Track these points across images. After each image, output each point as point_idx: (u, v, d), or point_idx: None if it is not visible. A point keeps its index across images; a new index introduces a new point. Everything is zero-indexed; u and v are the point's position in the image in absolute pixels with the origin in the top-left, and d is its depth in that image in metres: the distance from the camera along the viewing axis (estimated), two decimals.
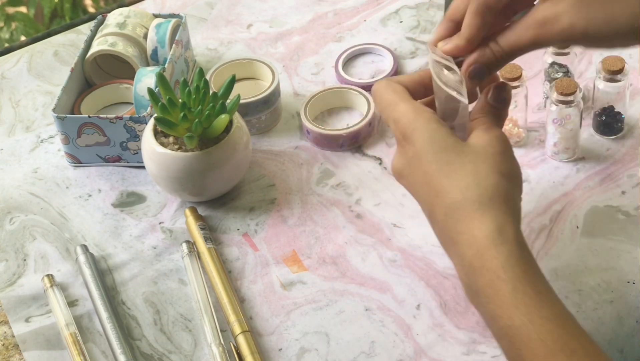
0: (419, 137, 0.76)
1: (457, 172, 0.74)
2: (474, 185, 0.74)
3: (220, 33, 1.18)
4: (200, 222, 0.93)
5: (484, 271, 0.71)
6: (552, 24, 0.74)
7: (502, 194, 0.73)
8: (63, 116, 0.99)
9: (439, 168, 0.75)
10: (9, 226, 0.97)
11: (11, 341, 0.87)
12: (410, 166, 0.77)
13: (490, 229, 0.72)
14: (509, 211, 0.73)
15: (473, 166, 0.74)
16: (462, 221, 0.73)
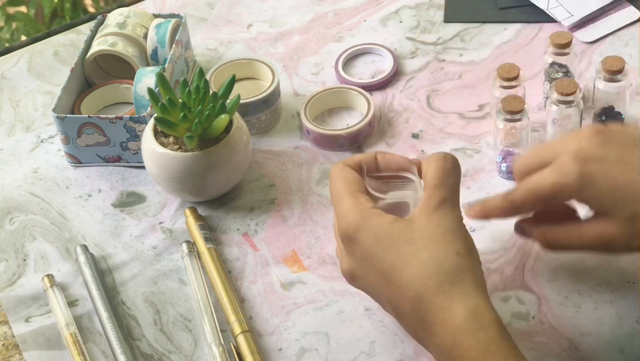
0: (365, 238, 0.75)
1: (412, 263, 0.73)
2: (434, 273, 0.72)
3: (220, 33, 1.18)
4: (200, 222, 0.93)
5: (468, 352, 0.70)
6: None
7: (464, 273, 0.72)
8: (63, 116, 0.99)
9: (393, 264, 0.73)
10: (9, 226, 0.97)
11: (11, 341, 0.87)
12: (362, 267, 0.76)
13: (462, 316, 0.70)
14: (477, 289, 0.72)
15: (427, 253, 0.73)
16: (432, 313, 0.71)
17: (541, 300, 0.85)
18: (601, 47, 1.09)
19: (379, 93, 1.07)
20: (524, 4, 1.14)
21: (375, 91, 1.07)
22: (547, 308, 0.84)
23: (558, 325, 0.83)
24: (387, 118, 1.04)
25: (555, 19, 1.11)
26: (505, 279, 0.87)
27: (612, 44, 1.09)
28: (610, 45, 1.09)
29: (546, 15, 1.12)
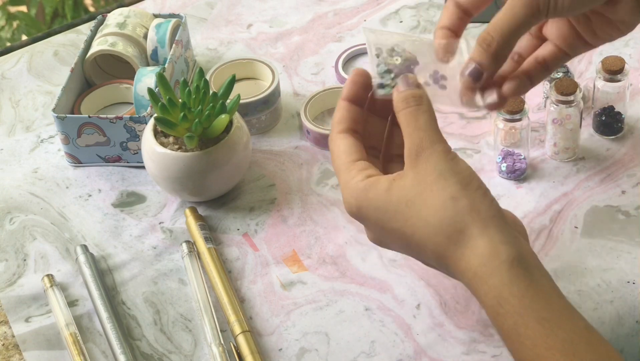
0: (368, 213, 0.74)
1: (418, 225, 0.72)
2: (439, 228, 0.71)
3: (220, 33, 1.18)
4: (200, 222, 0.93)
5: (485, 300, 0.69)
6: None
7: (466, 215, 0.71)
8: (63, 116, 0.99)
9: (404, 231, 0.73)
10: (9, 226, 0.97)
11: (11, 341, 0.87)
12: (382, 236, 0.76)
13: (476, 263, 0.70)
14: (485, 227, 0.70)
15: (426, 209, 0.72)
16: (452, 266, 0.71)
17: None
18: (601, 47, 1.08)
19: None
20: None
21: None
22: None
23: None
24: None
25: None
26: None
27: (612, 43, 1.08)
28: (610, 45, 1.08)
29: None
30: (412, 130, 0.74)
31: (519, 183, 0.96)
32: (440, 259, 0.72)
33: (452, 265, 0.71)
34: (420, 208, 0.72)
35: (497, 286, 0.69)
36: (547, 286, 0.69)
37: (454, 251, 0.71)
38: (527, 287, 0.68)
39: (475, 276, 0.70)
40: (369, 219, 0.75)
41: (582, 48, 0.82)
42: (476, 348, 0.82)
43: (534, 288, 0.68)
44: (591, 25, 0.79)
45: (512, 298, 0.68)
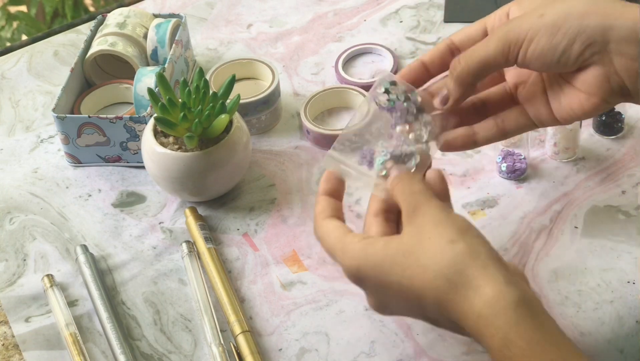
0: (367, 271, 0.73)
1: (417, 272, 0.70)
2: (438, 271, 0.69)
3: (220, 33, 1.18)
4: (200, 222, 0.93)
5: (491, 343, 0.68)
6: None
7: (466, 258, 0.69)
8: (63, 116, 0.99)
9: (402, 282, 0.71)
10: (9, 226, 0.97)
11: (11, 341, 0.87)
12: (382, 297, 0.74)
13: (479, 305, 0.68)
14: (485, 268, 0.69)
15: (424, 256, 0.70)
16: (454, 311, 0.69)
17: (541, 300, 0.85)
18: None
19: None
20: None
21: None
22: (547, 307, 0.84)
23: (558, 324, 0.83)
24: None
25: None
26: None
27: None
28: None
29: None
30: (407, 195, 0.74)
31: (519, 183, 0.96)
32: (442, 304, 0.69)
33: (454, 309, 0.69)
34: (419, 255, 0.71)
35: (503, 328, 0.67)
36: (553, 328, 0.68)
37: (455, 294, 0.69)
38: (534, 329, 0.67)
39: (480, 317, 0.68)
40: (368, 278, 0.73)
41: (547, 119, 0.82)
42: (476, 348, 0.82)
43: (541, 330, 0.67)
44: (558, 91, 0.80)
45: (519, 340, 0.66)
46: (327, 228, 0.77)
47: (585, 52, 0.76)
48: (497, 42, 0.77)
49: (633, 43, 0.75)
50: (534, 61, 0.77)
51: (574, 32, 0.75)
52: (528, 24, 0.76)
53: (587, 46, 0.75)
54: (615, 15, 0.75)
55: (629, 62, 0.75)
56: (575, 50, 0.76)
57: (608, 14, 0.75)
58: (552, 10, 0.76)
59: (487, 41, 0.78)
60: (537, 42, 0.76)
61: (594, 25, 0.75)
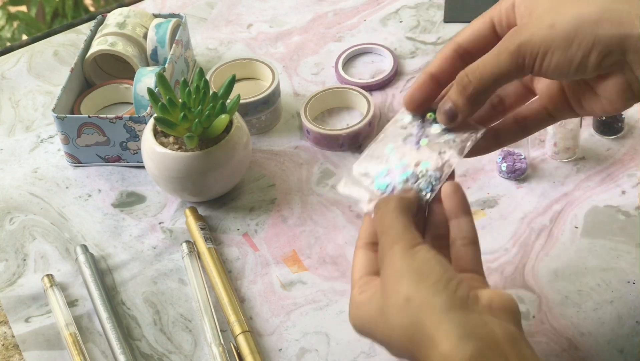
0: (360, 330, 0.72)
1: (391, 336, 0.69)
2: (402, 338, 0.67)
3: (220, 33, 1.18)
4: (200, 222, 0.93)
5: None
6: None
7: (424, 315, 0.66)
8: (63, 116, 0.99)
9: (384, 343, 0.70)
10: (9, 226, 0.97)
11: (11, 341, 0.87)
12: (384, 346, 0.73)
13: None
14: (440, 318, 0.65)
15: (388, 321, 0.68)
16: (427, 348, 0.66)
17: (541, 300, 0.85)
18: None
19: (379, 93, 1.07)
20: None
21: (375, 90, 1.07)
22: (547, 307, 0.84)
23: (558, 324, 0.83)
24: (387, 118, 1.04)
25: None
26: (505, 278, 0.87)
27: None
28: None
29: None
30: (380, 235, 0.72)
31: (519, 183, 0.96)
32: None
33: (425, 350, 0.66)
34: (387, 315, 0.68)
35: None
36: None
37: (419, 353, 0.66)
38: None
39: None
40: (364, 335, 0.72)
41: (568, 113, 0.79)
42: None
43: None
44: (579, 94, 0.77)
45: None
46: (354, 261, 0.75)
47: (603, 62, 0.72)
48: (509, 56, 0.73)
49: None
50: (550, 72, 0.73)
51: (588, 43, 0.71)
52: (540, 37, 0.72)
53: (604, 56, 0.71)
54: (631, 23, 0.71)
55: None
56: (592, 61, 0.72)
57: (623, 21, 0.71)
58: (563, 19, 0.72)
59: (498, 55, 0.73)
60: (550, 55, 0.72)
61: (609, 34, 0.71)
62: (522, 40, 0.72)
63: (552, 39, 0.71)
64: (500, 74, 0.73)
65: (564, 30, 0.71)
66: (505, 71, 0.73)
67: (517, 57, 0.72)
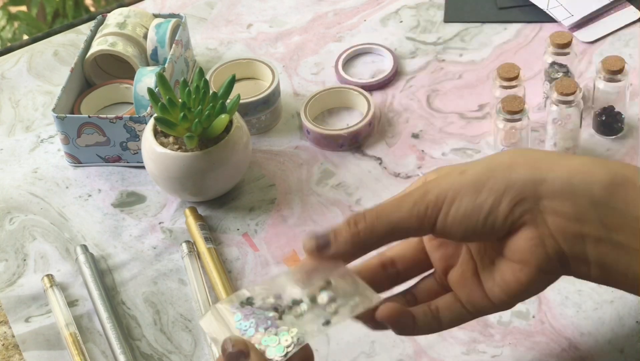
0: None
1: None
2: None
3: (220, 33, 1.18)
4: (200, 222, 0.93)
5: None
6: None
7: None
8: (63, 116, 0.99)
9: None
10: (8, 226, 0.97)
11: (11, 341, 0.87)
12: None
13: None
14: None
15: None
16: None
17: (541, 300, 0.85)
18: (601, 47, 1.09)
19: (379, 93, 1.07)
20: (524, 4, 1.14)
21: (375, 90, 1.07)
22: (547, 307, 0.84)
23: (558, 324, 0.83)
24: (387, 118, 1.04)
25: (555, 19, 1.11)
26: None
27: (612, 43, 1.09)
28: (610, 45, 1.09)
29: (546, 15, 1.12)
30: None
31: None
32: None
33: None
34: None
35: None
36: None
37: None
38: None
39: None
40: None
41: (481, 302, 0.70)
42: (476, 348, 0.82)
43: None
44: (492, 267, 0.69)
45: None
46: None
47: (515, 210, 0.65)
48: (412, 205, 0.66)
49: (568, 199, 0.64)
50: (456, 226, 0.65)
51: (500, 187, 0.65)
52: (448, 183, 0.66)
53: (516, 203, 0.65)
54: (547, 167, 0.65)
55: (564, 222, 0.65)
56: (503, 209, 0.65)
57: (538, 166, 0.66)
58: (475, 166, 0.67)
59: (400, 202, 0.66)
60: (458, 203, 0.65)
61: (523, 178, 0.65)
62: (427, 188, 0.66)
63: (461, 185, 0.66)
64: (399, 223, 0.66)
65: (475, 175, 0.66)
66: (405, 220, 0.66)
67: (421, 206, 0.66)
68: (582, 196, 0.64)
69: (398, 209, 0.66)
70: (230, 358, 0.64)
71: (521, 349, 0.81)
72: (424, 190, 0.66)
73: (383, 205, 0.67)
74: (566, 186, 0.64)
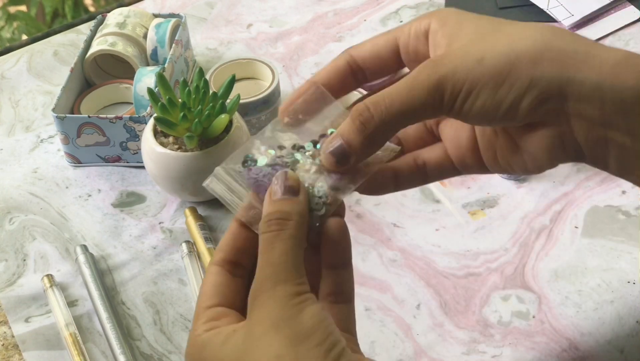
0: None
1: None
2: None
3: (220, 33, 1.18)
4: (200, 222, 0.93)
5: None
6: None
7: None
8: (63, 116, 0.99)
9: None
10: (8, 226, 0.97)
11: (11, 341, 0.87)
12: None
13: None
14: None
15: None
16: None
17: (541, 300, 0.85)
18: None
19: None
20: (524, 4, 1.14)
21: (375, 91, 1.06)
22: (547, 307, 0.84)
23: (558, 324, 0.83)
24: None
25: (556, 19, 1.11)
26: (506, 278, 0.87)
27: (612, 43, 1.09)
28: (610, 45, 1.08)
29: (546, 15, 1.12)
30: (262, 264, 0.59)
31: (519, 183, 0.95)
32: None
33: None
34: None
35: None
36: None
37: None
38: None
39: None
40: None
41: (476, 168, 0.67)
42: (476, 348, 0.82)
43: None
44: (495, 146, 0.66)
45: None
46: (204, 284, 0.63)
47: (538, 108, 0.60)
48: (425, 91, 0.60)
49: (596, 104, 0.60)
50: (472, 117, 0.61)
51: (523, 84, 0.60)
52: (464, 71, 0.60)
53: (539, 102, 0.60)
54: (576, 65, 0.60)
55: (589, 125, 0.60)
56: (524, 107, 0.60)
57: (566, 61, 0.60)
58: (494, 53, 0.60)
59: (411, 88, 0.61)
60: (476, 95, 0.60)
61: (549, 76, 0.59)
62: (443, 74, 0.60)
63: (479, 76, 0.60)
64: (411, 112, 0.61)
65: (494, 66, 0.60)
66: (418, 108, 0.61)
67: (435, 93, 0.60)
68: (610, 101, 0.59)
69: (409, 97, 0.61)
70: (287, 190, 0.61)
71: (521, 349, 0.81)
72: (437, 75, 0.60)
73: (391, 96, 0.61)
74: (595, 90, 0.59)
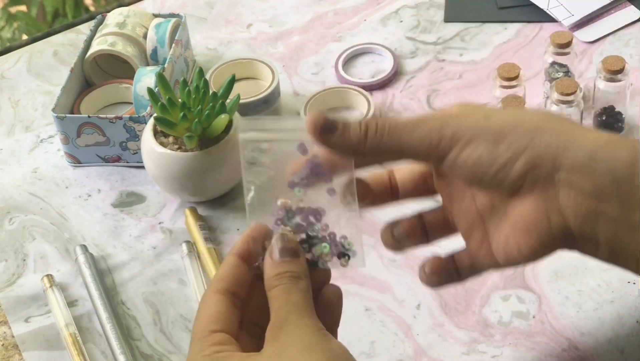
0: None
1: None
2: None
3: (220, 33, 1.18)
4: (200, 222, 0.93)
5: None
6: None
7: None
8: (63, 115, 0.99)
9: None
10: (8, 226, 0.97)
11: (11, 341, 0.87)
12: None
13: None
14: None
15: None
16: None
17: (541, 300, 0.85)
18: (601, 47, 1.08)
19: (379, 93, 1.07)
20: (524, 4, 1.14)
21: (375, 90, 1.07)
22: (547, 307, 0.84)
23: (558, 324, 0.83)
24: None
25: (556, 19, 1.11)
26: (506, 278, 0.87)
27: (613, 43, 1.09)
28: (610, 45, 1.09)
29: (546, 14, 1.12)
30: (281, 304, 0.61)
31: None
32: None
33: None
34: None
35: None
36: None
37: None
38: None
39: None
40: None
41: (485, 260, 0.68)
42: (476, 348, 0.82)
43: None
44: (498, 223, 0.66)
45: None
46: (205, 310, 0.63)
47: (529, 174, 0.62)
48: (426, 132, 0.63)
49: (589, 174, 0.61)
50: (465, 169, 0.63)
51: (521, 145, 0.62)
52: (469, 124, 0.63)
53: (532, 166, 0.62)
54: (572, 138, 0.62)
55: (580, 197, 0.61)
56: (517, 168, 0.62)
57: (564, 132, 0.62)
58: (501, 115, 0.64)
59: (415, 125, 0.63)
60: (474, 147, 0.62)
61: (547, 141, 0.62)
62: (447, 121, 0.63)
63: (483, 129, 0.62)
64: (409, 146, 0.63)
65: (499, 124, 0.63)
66: (415, 145, 0.63)
67: (435, 137, 0.63)
68: (603, 173, 0.61)
69: (411, 132, 0.63)
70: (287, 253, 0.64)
71: (521, 349, 0.81)
72: (442, 122, 0.63)
73: (397, 122, 0.63)
74: (589, 160, 0.61)
